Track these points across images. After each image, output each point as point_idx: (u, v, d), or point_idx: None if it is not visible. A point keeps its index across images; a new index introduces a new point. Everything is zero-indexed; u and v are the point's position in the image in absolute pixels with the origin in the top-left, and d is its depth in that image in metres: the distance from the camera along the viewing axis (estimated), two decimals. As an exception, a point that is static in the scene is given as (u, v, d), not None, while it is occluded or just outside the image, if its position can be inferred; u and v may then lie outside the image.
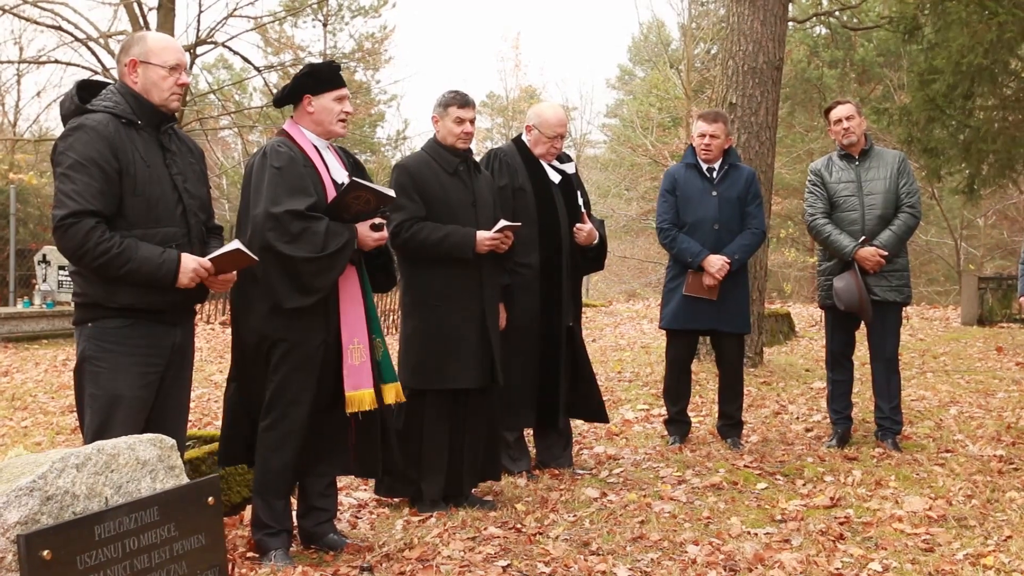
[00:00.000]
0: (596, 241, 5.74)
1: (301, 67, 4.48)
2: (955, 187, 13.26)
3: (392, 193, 4.33)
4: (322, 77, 4.31)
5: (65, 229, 3.50)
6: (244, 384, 4.25)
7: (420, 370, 4.94)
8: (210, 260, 3.70)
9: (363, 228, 4.19)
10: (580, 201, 5.77)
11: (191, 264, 3.65)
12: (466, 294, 4.99)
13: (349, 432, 4.31)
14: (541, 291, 5.56)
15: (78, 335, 3.72)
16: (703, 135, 6.32)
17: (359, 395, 4.19)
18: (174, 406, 3.87)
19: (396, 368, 4.78)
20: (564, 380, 5.65)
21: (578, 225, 5.66)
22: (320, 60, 4.65)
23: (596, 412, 5.91)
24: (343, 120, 4.35)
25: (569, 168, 5.80)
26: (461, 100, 5.06)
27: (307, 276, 4.05)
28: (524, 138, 5.77)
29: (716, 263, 6.15)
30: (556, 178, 5.71)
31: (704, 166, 6.35)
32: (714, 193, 6.28)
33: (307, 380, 4.13)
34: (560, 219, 5.63)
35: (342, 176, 4.34)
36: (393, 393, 4.40)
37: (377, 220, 4.24)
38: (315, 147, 4.30)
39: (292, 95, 4.34)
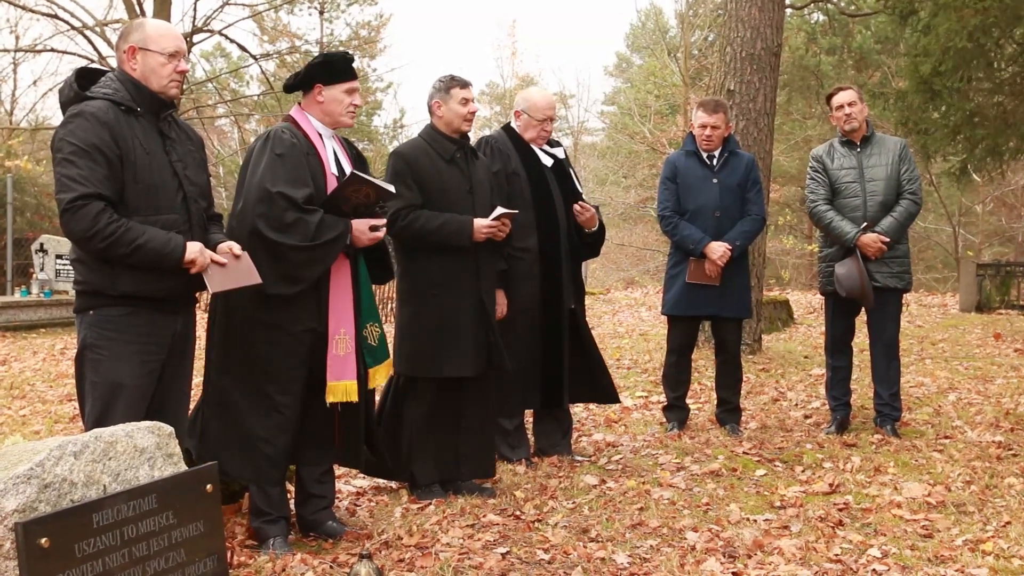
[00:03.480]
0: (596, 226, 5.73)
1: (316, 55, 4.47)
2: (948, 170, 13.26)
3: (392, 188, 4.32)
4: (336, 68, 4.30)
5: (75, 211, 3.47)
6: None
7: (416, 358, 4.93)
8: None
9: (360, 225, 4.17)
10: (578, 183, 5.77)
11: (196, 245, 3.65)
12: (463, 282, 4.97)
13: (334, 422, 4.29)
14: (541, 275, 5.55)
15: (79, 323, 3.70)
16: (704, 126, 6.29)
17: (341, 385, 4.17)
18: (175, 394, 3.86)
19: (393, 354, 4.82)
20: (567, 362, 5.64)
21: (581, 204, 5.65)
22: (337, 51, 4.55)
23: (606, 393, 5.89)
24: (352, 112, 4.35)
25: (559, 152, 5.78)
26: (462, 81, 5.05)
27: (294, 265, 4.03)
28: (514, 124, 5.74)
29: (718, 250, 6.14)
30: (548, 162, 5.70)
31: (704, 154, 6.34)
32: (715, 180, 6.27)
33: (296, 368, 4.11)
34: (556, 202, 5.62)
35: (347, 167, 4.32)
36: (384, 372, 4.44)
37: (375, 221, 4.22)
38: (320, 135, 4.29)
39: (304, 82, 4.33)
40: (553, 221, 5.60)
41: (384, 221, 4.29)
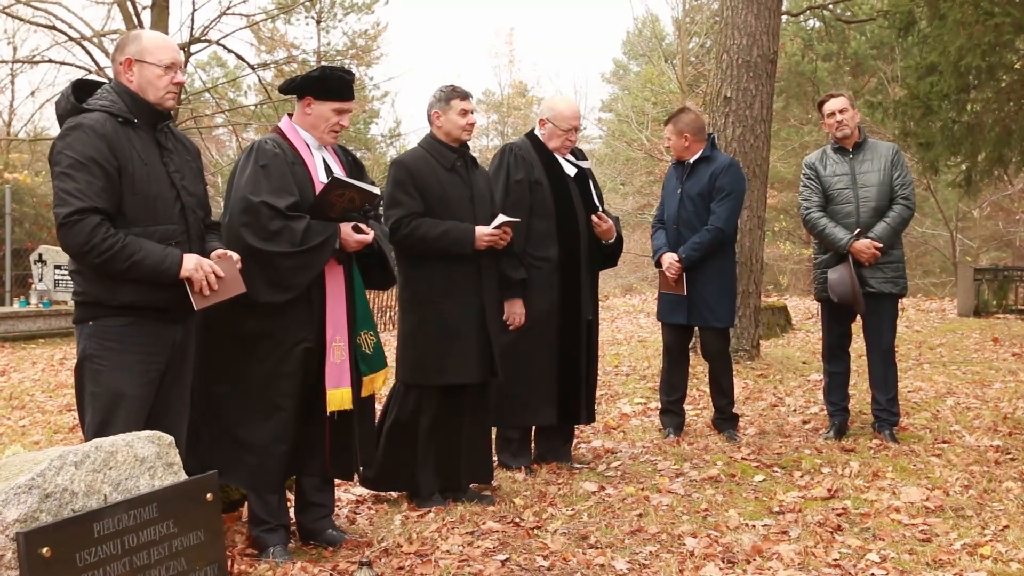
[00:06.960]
0: (614, 238, 5.75)
1: (315, 68, 4.45)
2: (952, 180, 13.24)
3: (377, 190, 4.28)
4: (330, 86, 4.29)
5: (71, 226, 3.49)
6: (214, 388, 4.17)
7: (419, 366, 4.94)
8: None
9: (346, 228, 4.16)
10: (595, 194, 5.80)
11: (192, 260, 3.65)
12: (465, 290, 4.99)
13: (325, 432, 4.27)
14: (560, 285, 5.56)
15: (79, 333, 3.71)
16: None
17: (339, 393, 4.17)
18: (174, 404, 3.87)
19: (395, 362, 4.81)
20: (583, 375, 5.64)
21: (600, 214, 5.66)
22: (339, 68, 4.41)
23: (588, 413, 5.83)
24: (335, 131, 4.33)
25: (584, 164, 5.80)
26: (462, 92, 5.09)
27: (284, 272, 4.03)
28: (538, 132, 5.76)
29: (665, 261, 6.26)
30: (571, 171, 5.71)
31: (684, 162, 6.41)
32: (678, 191, 6.33)
33: (291, 377, 4.12)
34: (577, 212, 5.63)
35: (339, 175, 4.32)
36: (380, 380, 4.43)
37: (362, 226, 4.21)
38: (307, 145, 4.30)
39: (297, 89, 4.33)
40: (574, 231, 5.61)
41: (367, 226, 4.26)
